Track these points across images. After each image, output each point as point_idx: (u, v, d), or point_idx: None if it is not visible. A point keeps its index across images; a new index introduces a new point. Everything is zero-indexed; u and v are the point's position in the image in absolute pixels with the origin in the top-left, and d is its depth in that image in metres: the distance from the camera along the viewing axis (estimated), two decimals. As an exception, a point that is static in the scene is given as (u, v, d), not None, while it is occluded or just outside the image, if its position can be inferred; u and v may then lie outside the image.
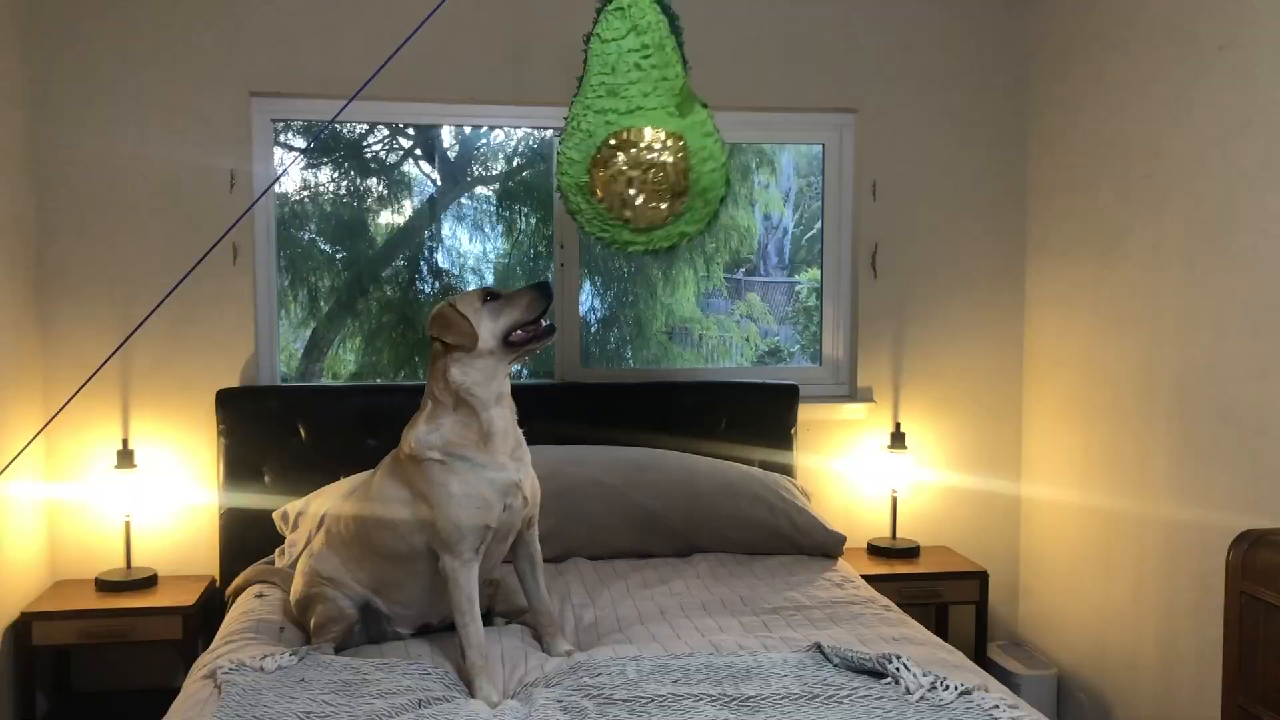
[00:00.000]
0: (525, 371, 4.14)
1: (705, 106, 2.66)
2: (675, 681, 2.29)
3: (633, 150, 2.60)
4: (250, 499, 3.51)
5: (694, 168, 2.60)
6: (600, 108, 2.61)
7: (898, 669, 2.28)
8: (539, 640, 2.65)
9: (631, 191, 2.62)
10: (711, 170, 2.63)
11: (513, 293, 2.53)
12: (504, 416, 2.54)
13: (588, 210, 2.72)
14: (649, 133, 2.59)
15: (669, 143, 2.60)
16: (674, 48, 2.60)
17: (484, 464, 2.48)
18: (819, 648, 2.45)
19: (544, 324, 2.53)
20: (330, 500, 3.10)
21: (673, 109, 2.59)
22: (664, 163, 2.59)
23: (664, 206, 2.63)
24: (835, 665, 2.37)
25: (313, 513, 3.22)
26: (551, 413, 3.64)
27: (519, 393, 2.65)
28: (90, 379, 2.58)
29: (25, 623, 3.22)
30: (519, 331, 2.51)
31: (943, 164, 4.01)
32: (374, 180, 4.27)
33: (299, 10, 3.61)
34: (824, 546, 3.42)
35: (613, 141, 2.60)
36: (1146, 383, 3.38)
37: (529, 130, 4.15)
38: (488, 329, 2.48)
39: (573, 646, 2.61)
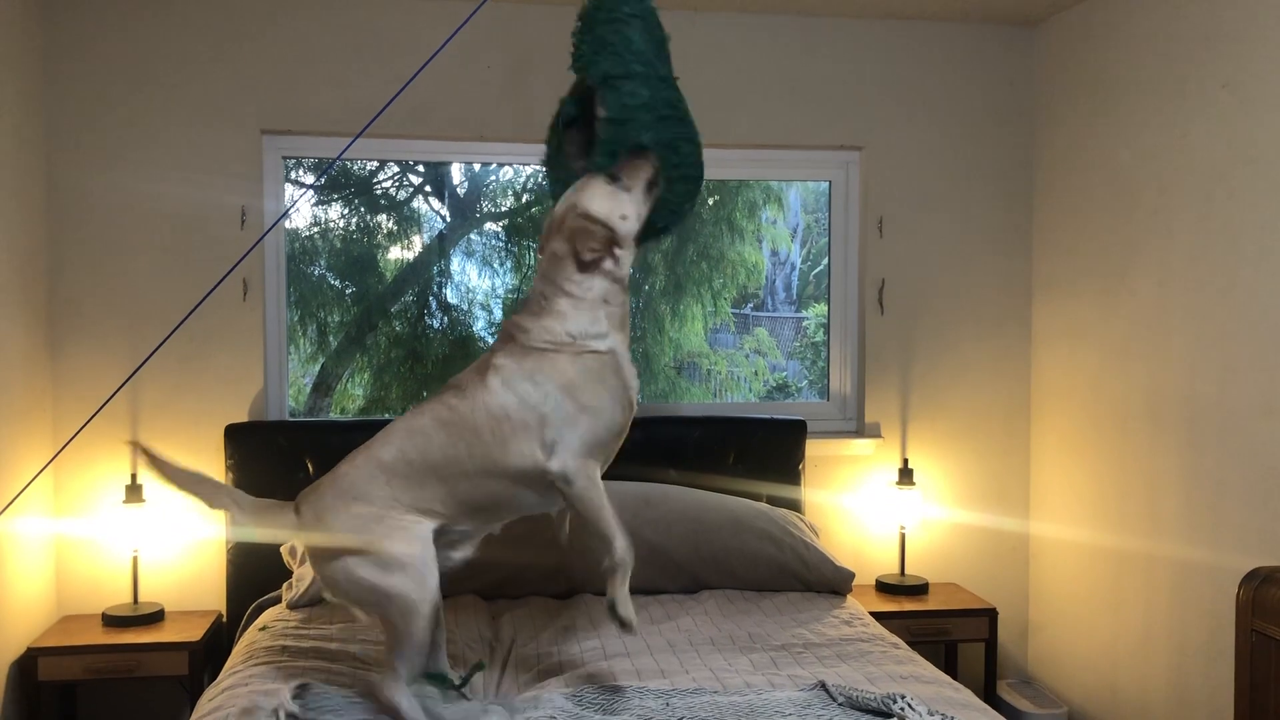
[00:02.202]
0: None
1: None
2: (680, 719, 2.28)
3: None
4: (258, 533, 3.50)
5: None
6: None
7: (903, 709, 2.26)
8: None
9: None
10: None
11: (625, 163, 2.37)
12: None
13: None
14: None
15: None
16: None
17: (627, 366, 2.36)
18: (823, 686, 2.44)
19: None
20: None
21: None
22: None
23: None
24: (840, 704, 2.36)
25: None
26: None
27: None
28: (95, 414, 2.59)
29: (31, 658, 3.22)
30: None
31: (949, 200, 4.03)
32: (384, 216, 4.31)
33: (310, 49, 3.66)
34: (832, 583, 3.40)
35: None
36: (1154, 418, 3.37)
37: (538, 167, 4.19)
38: (635, 211, 2.36)
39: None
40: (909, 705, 2.27)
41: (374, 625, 2.85)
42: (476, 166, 4.25)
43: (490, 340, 4.37)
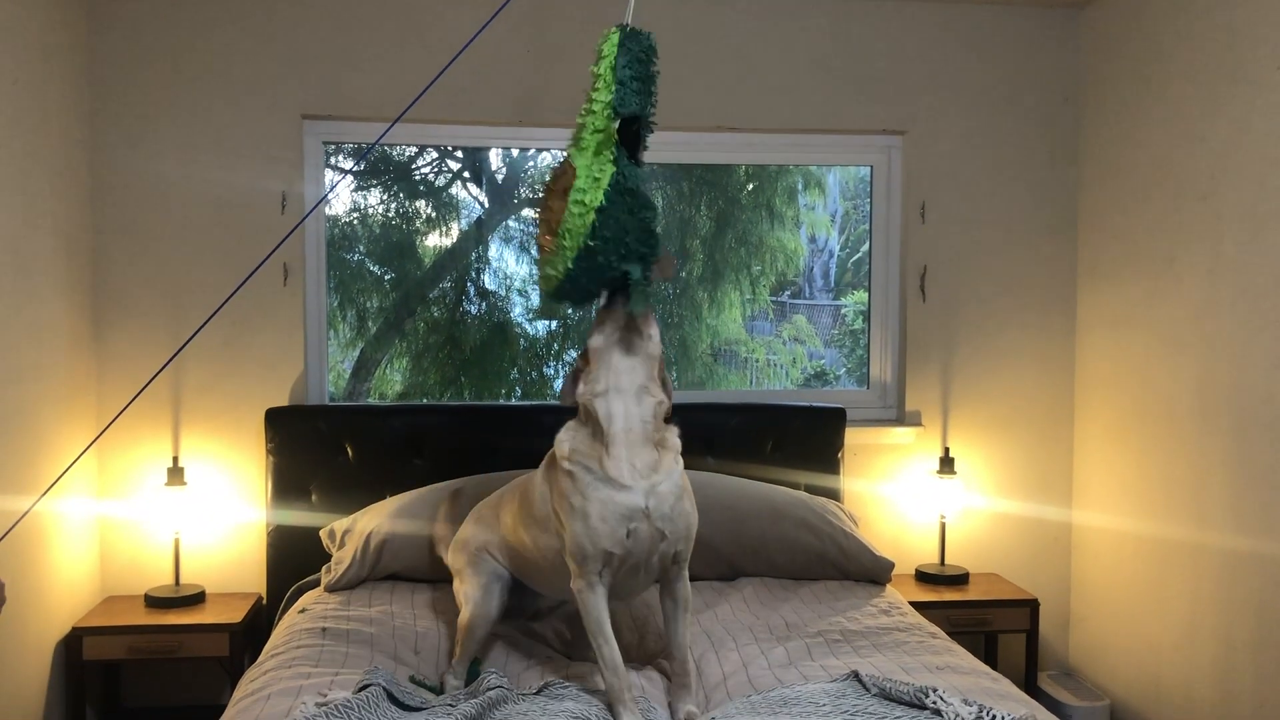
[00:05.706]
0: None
1: (620, 162, 2.21)
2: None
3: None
4: (297, 517, 3.54)
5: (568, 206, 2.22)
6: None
7: (935, 702, 2.23)
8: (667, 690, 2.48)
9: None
10: (579, 214, 2.20)
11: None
12: (626, 418, 2.28)
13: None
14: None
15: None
16: (611, 82, 2.28)
17: (604, 481, 2.27)
18: (857, 676, 2.41)
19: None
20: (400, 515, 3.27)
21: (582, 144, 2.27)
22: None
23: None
24: (874, 695, 2.33)
25: (359, 531, 3.24)
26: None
27: (562, 413, 2.47)
28: (138, 395, 2.62)
29: (76, 638, 3.28)
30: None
31: (992, 186, 3.97)
32: (422, 202, 4.32)
33: (351, 34, 3.67)
34: (871, 572, 3.37)
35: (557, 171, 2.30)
36: (1201, 407, 3.31)
37: (576, 152, 4.17)
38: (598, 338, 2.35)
39: (696, 710, 2.36)
40: (941, 698, 2.25)
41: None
42: (515, 152, 4.25)
43: (525, 325, 4.37)
